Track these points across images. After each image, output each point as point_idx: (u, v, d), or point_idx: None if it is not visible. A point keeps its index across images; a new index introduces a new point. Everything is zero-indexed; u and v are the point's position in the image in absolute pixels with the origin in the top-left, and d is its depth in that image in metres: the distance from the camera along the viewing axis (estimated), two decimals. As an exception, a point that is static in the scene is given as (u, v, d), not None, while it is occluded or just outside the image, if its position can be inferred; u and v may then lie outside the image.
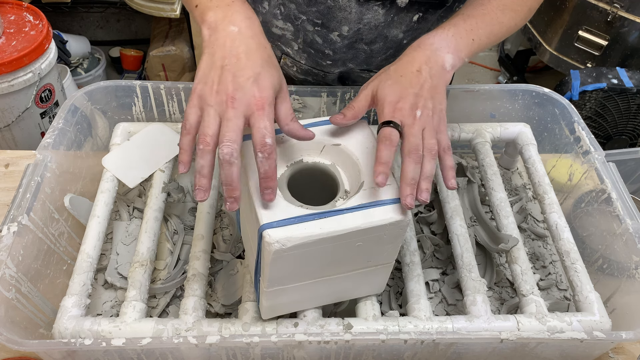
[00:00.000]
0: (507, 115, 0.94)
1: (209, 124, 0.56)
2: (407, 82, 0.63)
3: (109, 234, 0.84)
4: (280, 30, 0.85)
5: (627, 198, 0.76)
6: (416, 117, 0.61)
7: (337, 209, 0.58)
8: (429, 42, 0.67)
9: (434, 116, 0.62)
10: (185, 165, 0.58)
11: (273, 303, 0.63)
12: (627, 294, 0.72)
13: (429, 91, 0.63)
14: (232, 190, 0.56)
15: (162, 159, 0.84)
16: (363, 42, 0.83)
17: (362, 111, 0.64)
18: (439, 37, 0.67)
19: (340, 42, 0.83)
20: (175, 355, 0.64)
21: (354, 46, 0.84)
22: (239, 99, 0.56)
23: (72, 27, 2.47)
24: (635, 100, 1.78)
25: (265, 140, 0.55)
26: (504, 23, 0.74)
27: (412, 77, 0.63)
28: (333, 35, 0.82)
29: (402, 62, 0.66)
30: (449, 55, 0.66)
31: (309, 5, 0.78)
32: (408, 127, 0.60)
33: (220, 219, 0.85)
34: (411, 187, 0.58)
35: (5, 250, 0.65)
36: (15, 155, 0.95)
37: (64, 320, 0.65)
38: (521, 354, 0.67)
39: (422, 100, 0.62)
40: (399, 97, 0.62)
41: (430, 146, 0.60)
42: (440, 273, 0.81)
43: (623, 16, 1.86)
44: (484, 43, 0.72)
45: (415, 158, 0.59)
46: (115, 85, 0.88)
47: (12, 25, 1.51)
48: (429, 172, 0.60)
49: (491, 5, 0.73)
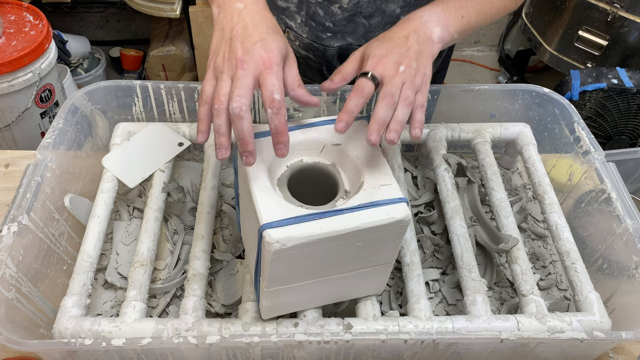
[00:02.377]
0: (507, 115, 0.94)
1: (222, 86, 0.59)
2: (395, 44, 0.65)
3: (109, 234, 0.84)
4: (285, 2, 0.88)
5: (627, 198, 0.76)
6: (398, 70, 0.62)
7: (337, 209, 0.58)
8: (418, 15, 0.69)
9: (417, 76, 0.64)
10: (203, 135, 0.60)
11: (273, 303, 0.63)
12: (627, 294, 0.72)
13: (415, 53, 0.65)
14: (245, 144, 0.57)
15: (162, 159, 0.84)
16: (362, 15, 0.86)
17: (350, 74, 0.66)
18: (427, 11, 0.70)
19: (340, 15, 0.86)
20: (175, 355, 0.64)
21: (353, 19, 0.87)
22: (247, 61, 0.58)
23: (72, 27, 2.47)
24: (635, 100, 1.78)
25: (273, 96, 0.57)
26: (493, 3, 0.76)
27: (399, 41, 0.65)
28: (334, 7, 0.85)
29: (392, 30, 0.69)
30: (437, 27, 0.69)
31: None
32: (388, 77, 0.62)
33: (220, 219, 0.85)
34: (379, 125, 0.59)
35: (6, 250, 0.65)
36: (15, 155, 0.95)
37: (64, 320, 0.65)
38: (521, 354, 0.67)
39: (407, 59, 0.63)
40: (385, 53, 0.64)
41: (406, 95, 0.61)
42: (440, 273, 0.81)
43: (623, 16, 1.86)
44: (474, 21, 0.74)
45: (388, 102, 0.60)
46: (115, 85, 0.88)
47: (12, 25, 1.51)
48: (401, 117, 0.61)
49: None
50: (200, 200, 0.80)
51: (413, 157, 0.98)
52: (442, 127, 0.89)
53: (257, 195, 0.58)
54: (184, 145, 0.87)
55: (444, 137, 0.88)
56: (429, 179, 0.93)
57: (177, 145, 0.87)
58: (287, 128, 0.59)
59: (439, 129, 0.89)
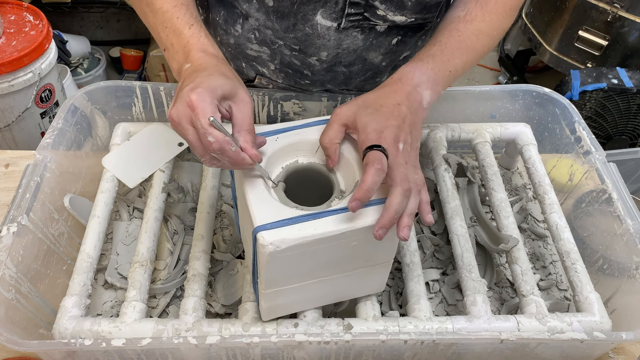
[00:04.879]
0: (507, 116, 0.94)
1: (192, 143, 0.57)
2: (389, 114, 0.61)
3: (109, 234, 0.84)
4: (256, 52, 0.84)
5: (628, 198, 0.76)
6: (399, 149, 0.59)
7: (332, 209, 0.58)
8: (410, 77, 0.66)
9: (412, 152, 0.61)
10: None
11: (272, 304, 0.63)
12: (627, 295, 0.72)
13: (409, 126, 0.62)
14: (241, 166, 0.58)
15: (162, 159, 0.84)
16: (342, 65, 0.83)
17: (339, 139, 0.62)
18: (419, 71, 0.67)
19: (318, 66, 0.83)
20: (175, 355, 0.64)
21: (333, 69, 0.84)
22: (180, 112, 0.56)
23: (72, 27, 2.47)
24: (635, 100, 1.78)
25: (207, 140, 0.55)
26: (477, 50, 0.73)
27: (393, 110, 0.62)
28: (311, 60, 0.82)
29: (383, 93, 0.64)
30: (427, 92, 0.66)
31: (286, 32, 0.78)
32: (393, 156, 0.58)
33: (220, 219, 0.85)
34: (391, 221, 0.55)
35: (5, 251, 0.65)
36: (15, 155, 0.95)
37: (64, 321, 0.65)
38: (521, 354, 0.67)
39: (404, 134, 0.60)
40: (383, 126, 0.60)
41: (415, 180, 0.58)
42: (441, 273, 0.81)
43: (623, 16, 1.86)
44: (459, 73, 0.71)
45: (405, 189, 0.56)
46: (115, 85, 0.87)
47: (12, 25, 1.51)
48: (413, 207, 0.57)
49: (467, 31, 0.72)
50: (200, 200, 0.80)
51: (413, 157, 0.98)
52: (442, 127, 0.89)
53: (251, 197, 0.58)
54: (184, 145, 0.87)
55: (444, 137, 0.88)
56: (429, 179, 0.93)
57: (177, 145, 0.87)
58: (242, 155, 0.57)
59: (439, 129, 0.89)
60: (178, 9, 0.67)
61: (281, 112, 0.90)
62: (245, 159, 0.57)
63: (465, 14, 0.73)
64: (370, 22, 0.76)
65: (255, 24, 0.79)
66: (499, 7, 0.74)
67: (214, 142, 0.55)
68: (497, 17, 0.74)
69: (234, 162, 0.57)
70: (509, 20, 0.76)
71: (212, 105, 0.56)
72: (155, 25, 0.69)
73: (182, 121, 0.56)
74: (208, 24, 0.86)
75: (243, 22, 0.80)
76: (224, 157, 0.57)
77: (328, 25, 0.76)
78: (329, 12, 0.75)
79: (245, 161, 0.57)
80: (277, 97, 0.88)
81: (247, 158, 0.57)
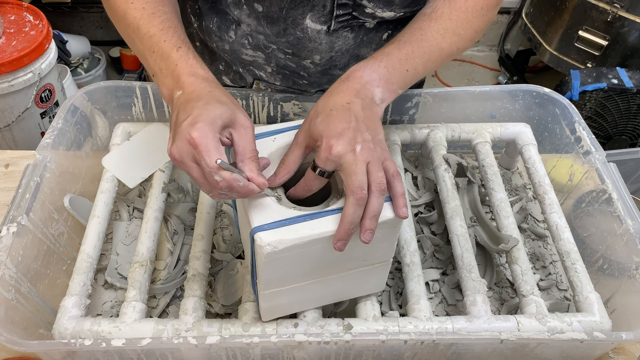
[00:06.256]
0: (507, 116, 0.94)
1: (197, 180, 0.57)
2: (340, 117, 0.58)
3: (109, 234, 0.84)
4: (251, 57, 0.83)
5: (628, 198, 0.75)
6: (356, 151, 0.56)
7: (329, 209, 0.58)
8: (359, 75, 0.63)
9: (376, 147, 0.58)
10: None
11: (271, 305, 0.63)
12: (627, 295, 0.72)
13: (364, 123, 0.59)
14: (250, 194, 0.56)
15: (162, 159, 0.84)
16: (337, 68, 0.83)
17: (295, 163, 0.60)
18: (369, 69, 0.64)
19: (313, 69, 0.82)
20: (175, 355, 0.64)
21: (328, 72, 0.83)
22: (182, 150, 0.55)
23: (72, 27, 2.47)
24: (635, 100, 1.78)
25: (214, 180, 0.54)
26: (444, 49, 0.71)
27: (343, 111, 0.59)
28: (306, 63, 0.81)
29: (331, 95, 0.62)
30: (379, 89, 0.64)
31: (278, 37, 0.78)
32: (349, 164, 0.56)
33: (220, 219, 0.85)
34: (347, 232, 0.55)
35: (5, 251, 0.65)
36: (15, 155, 0.95)
37: (64, 321, 0.65)
38: (521, 355, 0.67)
39: (360, 134, 0.57)
40: (333, 133, 0.57)
41: (378, 180, 0.56)
42: (440, 273, 0.81)
43: (623, 16, 1.86)
44: (420, 72, 0.69)
45: (357, 198, 0.55)
46: (115, 85, 0.87)
47: (12, 25, 1.51)
48: (376, 209, 0.56)
49: (431, 30, 0.70)
50: (200, 200, 0.80)
51: (413, 157, 0.98)
52: (442, 127, 0.89)
53: (249, 198, 0.58)
54: (184, 146, 0.86)
55: (444, 137, 0.88)
56: (429, 179, 0.93)
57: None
58: (251, 187, 0.55)
59: (439, 129, 0.89)
60: (165, 32, 0.65)
61: (281, 112, 0.90)
62: (254, 190, 0.56)
63: (431, 12, 0.72)
64: (359, 20, 0.76)
65: (247, 30, 0.79)
66: (469, 6, 0.71)
67: (221, 181, 0.54)
68: (465, 16, 0.71)
69: (243, 195, 0.56)
70: (481, 20, 0.73)
71: (214, 140, 0.54)
72: (143, 51, 0.66)
73: (185, 160, 0.55)
74: (202, 31, 0.86)
75: (236, 28, 0.80)
76: (233, 192, 0.56)
77: (318, 29, 0.76)
78: (318, 16, 0.75)
79: (254, 192, 0.56)
80: (277, 98, 0.88)
81: (256, 188, 0.56)
